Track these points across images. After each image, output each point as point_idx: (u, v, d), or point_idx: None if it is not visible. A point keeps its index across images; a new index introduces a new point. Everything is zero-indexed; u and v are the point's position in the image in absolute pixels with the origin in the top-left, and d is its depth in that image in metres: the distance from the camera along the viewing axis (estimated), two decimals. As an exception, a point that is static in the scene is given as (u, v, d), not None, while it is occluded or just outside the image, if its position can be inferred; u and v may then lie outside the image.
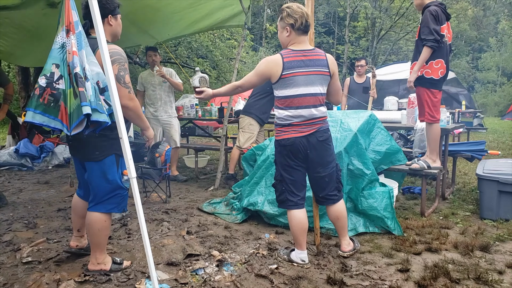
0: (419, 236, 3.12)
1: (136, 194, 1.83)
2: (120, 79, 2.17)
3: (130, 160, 1.80)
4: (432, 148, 3.59)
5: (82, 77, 1.72)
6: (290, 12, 2.45)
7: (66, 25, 1.77)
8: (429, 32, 3.34)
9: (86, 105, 1.70)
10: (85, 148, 2.26)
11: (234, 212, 3.70)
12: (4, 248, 2.89)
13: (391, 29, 22.80)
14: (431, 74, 3.42)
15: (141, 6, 4.94)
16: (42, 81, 1.77)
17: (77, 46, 1.76)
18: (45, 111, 1.77)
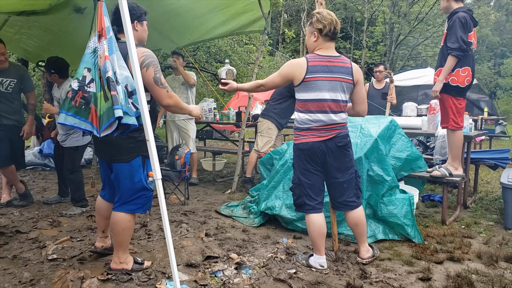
0: (441, 245, 3.07)
1: (161, 195, 1.87)
2: (157, 81, 2.22)
3: (156, 162, 1.84)
4: (455, 155, 3.54)
5: (114, 81, 1.78)
6: (319, 18, 2.48)
7: (98, 31, 1.83)
8: (456, 40, 3.29)
9: (118, 108, 1.75)
10: (114, 150, 2.31)
11: (252, 216, 3.72)
12: (30, 245, 2.97)
13: (410, 34, 22.54)
14: (457, 82, 3.38)
15: (163, 11, 5.04)
16: (74, 84, 1.84)
17: (109, 51, 1.82)
18: (76, 113, 1.83)
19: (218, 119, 6.11)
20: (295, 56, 26.77)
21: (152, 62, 2.23)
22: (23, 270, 2.54)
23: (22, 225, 3.39)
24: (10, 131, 3.84)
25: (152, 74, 2.20)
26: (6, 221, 3.51)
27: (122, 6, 1.87)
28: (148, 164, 2.36)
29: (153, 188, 2.37)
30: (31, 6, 4.18)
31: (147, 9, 5.29)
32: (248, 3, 4.56)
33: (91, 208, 3.91)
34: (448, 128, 3.49)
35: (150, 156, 1.84)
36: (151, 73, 2.20)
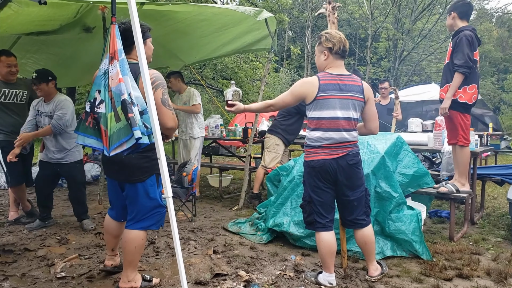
0: (449, 262, 3.05)
1: (172, 213, 1.89)
2: (165, 102, 2.25)
3: (167, 180, 1.87)
4: (462, 171, 3.54)
5: (130, 103, 1.83)
6: (328, 37, 2.54)
7: (110, 53, 1.89)
8: (462, 57, 3.34)
9: (137, 130, 1.79)
10: (130, 171, 2.32)
11: (259, 233, 3.72)
12: (39, 263, 2.99)
13: (413, 50, 22.71)
14: (464, 99, 3.41)
15: (170, 30, 5.15)
16: (87, 106, 1.90)
17: (121, 73, 1.87)
18: (91, 134, 1.89)
19: (225, 135, 6.16)
20: (300, 72, 27.00)
21: (161, 84, 2.27)
22: (32, 288, 2.56)
23: (30, 243, 3.41)
24: (23, 148, 3.88)
25: (160, 95, 2.24)
26: (15, 238, 3.54)
27: (134, 25, 1.93)
28: (160, 181, 2.38)
29: (165, 205, 2.38)
30: (42, 27, 4.30)
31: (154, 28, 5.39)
32: (255, 22, 4.65)
33: (99, 226, 3.93)
34: (457, 144, 3.50)
35: (162, 174, 1.87)
36: (159, 94, 2.24)
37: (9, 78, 3.82)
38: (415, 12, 21.79)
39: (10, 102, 3.84)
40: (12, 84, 3.86)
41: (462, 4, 3.52)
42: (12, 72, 3.82)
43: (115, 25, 1.92)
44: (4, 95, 3.80)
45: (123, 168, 2.33)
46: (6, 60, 3.81)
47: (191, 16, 4.76)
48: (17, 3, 2.98)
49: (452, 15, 3.54)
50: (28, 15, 3.40)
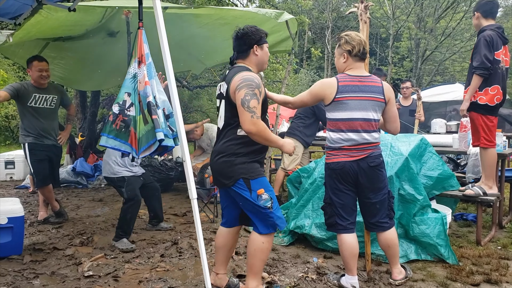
0: (476, 266, 2.98)
1: (196, 214, 1.92)
2: (244, 103, 2.13)
3: (192, 183, 1.90)
4: (488, 174, 3.45)
5: (154, 105, 1.87)
6: (348, 39, 2.54)
7: (138, 57, 1.94)
8: (479, 58, 3.29)
9: (160, 131, 1.84)
10: (220, 176, 2.33)
11: (281, 235, 3.71)
12: (67, 261, 3.08)
13: (437, 49, 22.25)
14: (485, 100, 3.34)
15: (192, 34, 5.22)
16: (115, 108, 1.95)
17: (148, 76, 1.92)
18: (117, 136, 1.94)
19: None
20: (320, 73, 26.84)
21: (248, 85, 2.16)
22: (60, 286, 2.64)
23: (58, 242, 3.52)
24: (50, 151, 4.03)
25: (242, 96, 2.14)
26: (44, 238, 3.65)
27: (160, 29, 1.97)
28: (258, 184, 2.30)
29: (267, 206, 2.30)
30: (70, 32, 4.43)
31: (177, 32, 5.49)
32: (276, 24, 4.66)
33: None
34: (480, 146, 3.42)
35: (186, 176, 1.90)
36: (241, 94, 2.15)
37: (40, 82, 3.94)
38: (438, 10, 21.34)
39: (40, 106, 3.96)
40: (43, 89, 3.98)
41: (485, 3, 3.45)
42: (43, 76, 3.93)
43: (142, 30, 1.97)
44: (35, 100, 3.93)
45: (215, 173, 2.36)
46: (38, 64, 3.93)
47: (213, 21, 4.82)
48: (47, 10, 3.09)
49: (476, 15, 3.49)
50: (57, 19, 3.51)
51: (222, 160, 2.28)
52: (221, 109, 2.37)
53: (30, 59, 3.97)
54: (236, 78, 2.21)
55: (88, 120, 8.01)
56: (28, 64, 3.97)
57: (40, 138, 3.94)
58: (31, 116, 3.92)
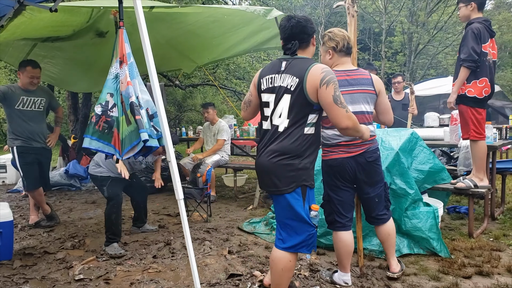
0: (468, 259, 2.98)
1: (183, 215, 1.90)
2: (337, 100, 1.97)
3: (178, 183, 1.88)
4: (479, 166, 3.46)
5: (138, 105, 1.84)
6: (331, 36, 2.52)
7: (119, 57, 1.91)
8: (467, 51, 3.29)
9: (143, 132, 1.81)
10: (272, 179, 2.07)
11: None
12: (58, 265, 3.05)
13: (429, 43, 22.30)
14: (474, 93, 3.34)
15: (182, 32, 5.18)
16: (98, 109, 1.92)
17: (130, 76, 1.89)
18: (100, 138, 1.91)
19: (239, 135, 6.18)
20: (313, 69, 26.75)
21: (332, 79, 1.99)
22: (52, 290, 2.61)
23: (49, 246, 3.48)
24: (39, 154, 3.99)
25: (332, 92, 1.97)
26: (35, 242, 3.62)
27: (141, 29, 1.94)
28: (311, 196, 2.13)
29: (316, 225, 2.14)
30: (56, 32, 4.37)
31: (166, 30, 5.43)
32: (265, 21, 4.64)
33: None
34: (469, 139, 3.42)
35: (172, 176, 1.88)
36: (330, 91, 1.97)
37: (28, 88, 3.90)
38: (430, 4, 21.36)
39: (27, 109, 3.92)
40: (31, 91, 3.93)
41: None
42: (33, 83, 3.91)
43: (123, 30, 1.95)
44: (22, 102, 3.89)
45: (268, 177, 2.10)
46: (31, 71, 3.88)
47: (202, 18, 4.79)
48: (30, 11, 3.04)
49: (471, 5, 3.41)
50: (41, 20, 3.47)
51: (284, 163, 2.03)
52: (281, 105, 2.09)
53: (24, 63, 3.92)
54: (315, 71, 2.00)
55: (81, 122, 7.96)
56: (21, 67, 3.92)
57: (28, 141, 3.90)
58: (19, 119, 3.87)
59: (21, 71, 3.89)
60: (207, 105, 5.81)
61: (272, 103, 2.14)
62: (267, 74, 2.19)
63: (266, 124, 2.18)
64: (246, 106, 2.37)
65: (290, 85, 2.06)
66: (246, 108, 2.38)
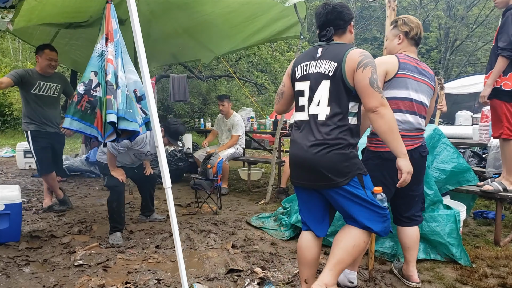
0: (492, 269, 2.73)
1: (171, 204, 1.79)
2: (373, 83, 1.85)
3: (165, 170, 1.77)
4: (510, 168, 3.16)
5: (112, 85, 1.74)
6: (406, 21, 2.39)
7: (105, 34, 1.81)
8: (507, 38, 2.98)
9: (111, 113, 1.70)
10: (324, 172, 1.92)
11: (282, 228, 3.56)
12: (62, 249, 3.04)
13: (468, 39, 21.24)
14: (511, 86, 3.03)
15: (200, 21, 5.09)
16: (80, 88, 1.82)
17: (114, 54, 1.79)
18: (82, 118, 1.81)
19: (255, 128, 6.05)
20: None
21: (371, 63, 1.88)
22: (49, 274, 2.58)
23: (58, 230, 3.49)
24: (52, 139, 4.00)
25: (369, 75, 1.85)
26: (44, 225, 3.64)
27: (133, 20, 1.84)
28: (369, 182, 2.01)
29: (387, 207, 2.01)
30: (73, 18, 4.37)
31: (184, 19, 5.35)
32: (284, 9, 4.47)
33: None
34: (501, 138, 3.13)
35: (160, 164, 1.77)
36: (367, 73, 1.85)
37: (47, 71, 3.92)
38: (470, -3, 20.32)
39: (43, 94, 3.94)
40: (47, 77, 3.95)
41: None
42: (51, 65, 3.92)
43: (111, 4, 1.84)
44: (39, 87, 3.91)
45: (316, 171, 1.94)
46: (49, 53, 3.91)
47: (218, 9, 4.68)
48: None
49: None
50: (54, 6, 3.45)
51: (336, 153, 1.90)
52: (319, 93, 1.95)
53: (41, 47, 3.95)
54: (354, 54, 1.89)
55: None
56: (39, 51, 3.94)
57: (42, 125, 3.92)
58: (34, 104, 3.90)
59: (39, 54, 3.91)
60: (223, 97, 5.69)
61: (307, 91, 2.02)
62: (301, 62, 2.08)
63: (302, 114, 2.05)
64: (279, 97, 2.27)
65: (327, 70, 1.95)
66: (278, 100, 2.28)
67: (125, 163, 3.44)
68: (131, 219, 3.93)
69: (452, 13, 21.40)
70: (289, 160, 2.12)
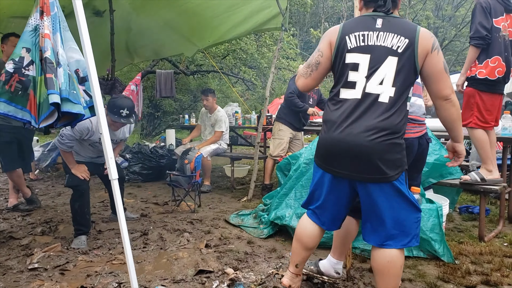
0: (475, 265, 2.59)
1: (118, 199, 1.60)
2: (446, 68, 1.73)
3: (111, 159, 1.59)
4: (483, 157, 3.06)
5: (52, 62, 1.53)
6: None
7: (40, 6, 1.61)
8: (474, 27, 2.94)
9: (53, 93, 1.50)
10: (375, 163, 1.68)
11: (262, 226, 3.39)
12: (19, 252, 2.82)
13: (456, 38, 21.28)
14: (485, 74, 2.95)
15: (180, 11, 4.92)
16: (9, 66, 1.61)
17: (52, 29, 1.59)
18: (11, 100, 1.61)
19: (240, 124, 5.88)
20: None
21: (439, 47, 1.75)
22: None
23: (19, 231, 3.27)
24: (18, 133, 3.77)
25: (442, 59, 1.72)
26: (6, 226, 3.42)
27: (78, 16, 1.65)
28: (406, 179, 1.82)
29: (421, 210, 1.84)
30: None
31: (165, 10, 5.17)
32: (265, 0, 4.33)
33: (97, 214, 3.76)
34: (468, 126, 3.04)
35: (105, 152, 1.58)
36: (441, 57, 1.71)
37: None
38: (458, -4, 20.38)
39: None
40: None
41: None
42: None
43: (50, -28, 1.65)
44: None
45: (368, 160, 1.69)
46: (14, 40, 3.64)
47: (198, -4, 4.51)
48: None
49: None
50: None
51: (394, 143, 1.69)
52: (383, 69, 1.71)
53: (7, 35, 3.71)
54: (426, 34, 1.71)
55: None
56: (4, 39, 3.70)
57: (7, 119, 3.68)
58: None
59: (4, 43, 3.66)
60: (207, 91, 5.44)
61: (365, 65, 1.73)
62: (355, 30, 1.76)
63: (351, 92, 1.75)
64: (311, 69, 1.88)
65: (396, 46, 1.70)
66: (310, 73, 1.89)
67: (90, 157, 3.20)
68: (102, 218, 3.72)
69: (440, 13, 21.46)
70: (324, 144, 1.82)
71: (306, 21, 27.19)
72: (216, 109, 5.37)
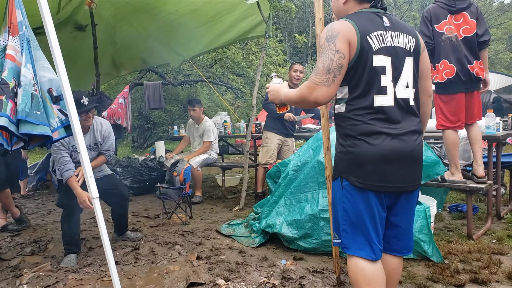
0: (464, 264, 2.61)
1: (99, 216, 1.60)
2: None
3: (90, 178, 1.59)
4: (449, 158, 3.20)
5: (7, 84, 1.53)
6: None
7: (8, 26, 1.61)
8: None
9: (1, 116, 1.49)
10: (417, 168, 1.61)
11: (253, 235, 3.39)
12: (8, 273, 2.80)
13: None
14: (438, 78, 3.10)
15: (163, 23, 4.95)
16: None
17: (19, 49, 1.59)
18: None
19: (230, 132, 5.89)
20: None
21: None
22: (-10, 301, 2.36)
23: (8, 252, 3.24)
24: (6, 153, 3.75)
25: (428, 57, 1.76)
26: (-5, 247, 3.39)
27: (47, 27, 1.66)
28: None
29: None
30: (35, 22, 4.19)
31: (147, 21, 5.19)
32: (248, 8, 4.36)
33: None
34: (436, 128, 3.22)
35: (84, 171, 1.58)
36: (427, 55, 1.75)
37: None
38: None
39: None
40: None
41: None
42: None
43: (15, -6, 1.65)
44: None
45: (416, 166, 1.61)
46: None
47: (182, 7, 4.54)
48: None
49: None
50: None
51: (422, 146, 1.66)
52: (405, 72, 1.61)
53: None
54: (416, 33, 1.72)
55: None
56: None
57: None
58: None
59: None
60: (194, 102, 5.40)
61: (389, 68, 1.57)
62: (373, 30, 1.57)
63: (385, 98, 1.57)
64: (333, 75, 1.52)
65: (408, 46, 1.63)
66: (333, 79, 1.52)
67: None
68: (93, 234, 3.70)
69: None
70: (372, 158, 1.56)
71: (294, 26, 27.42)
72: (203, 119, 5.34)
